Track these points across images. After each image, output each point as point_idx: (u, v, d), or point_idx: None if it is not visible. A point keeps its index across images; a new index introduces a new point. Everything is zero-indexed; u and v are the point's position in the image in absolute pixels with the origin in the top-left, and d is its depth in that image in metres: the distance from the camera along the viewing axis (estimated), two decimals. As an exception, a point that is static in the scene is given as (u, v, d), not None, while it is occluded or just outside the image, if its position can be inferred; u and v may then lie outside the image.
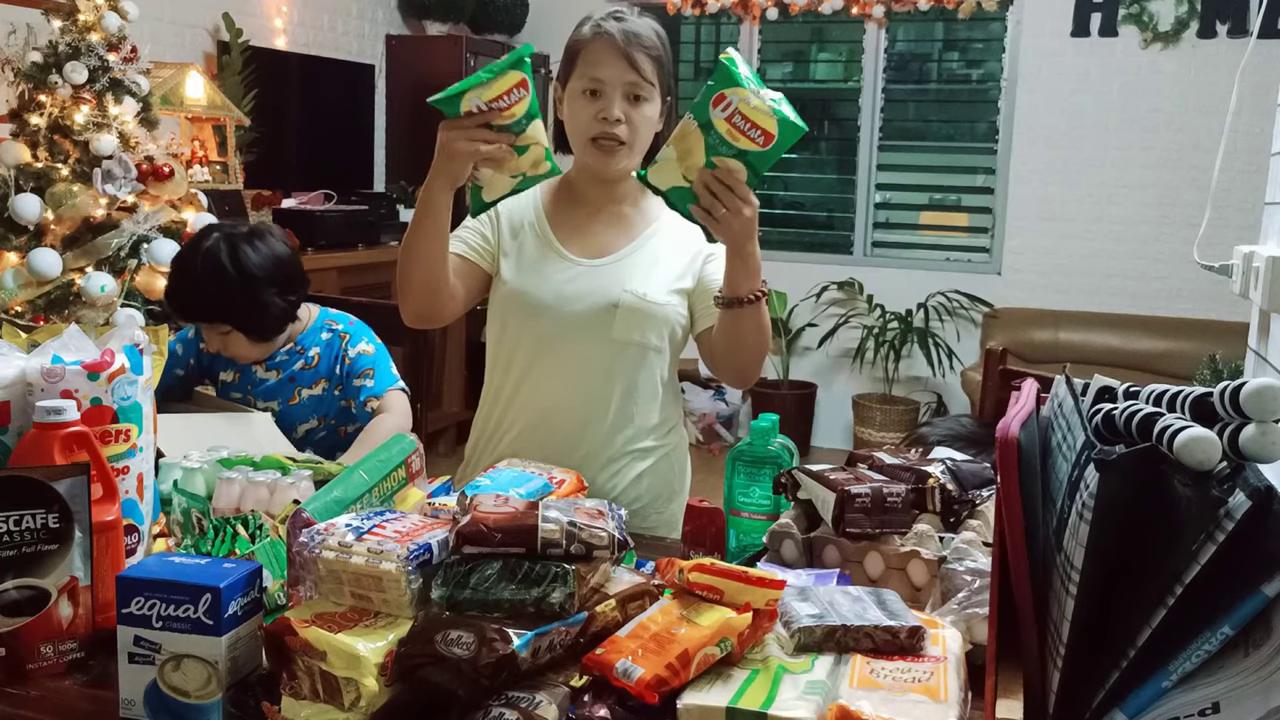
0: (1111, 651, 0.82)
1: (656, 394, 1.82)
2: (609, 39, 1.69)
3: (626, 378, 1.77)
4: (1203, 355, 4.06)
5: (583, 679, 0.97)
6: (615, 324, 1.74)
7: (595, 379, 1.77)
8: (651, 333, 1.77)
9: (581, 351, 1.76)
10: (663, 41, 1.75)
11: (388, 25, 5.54)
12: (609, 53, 1.69)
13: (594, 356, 1.76)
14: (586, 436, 1.77)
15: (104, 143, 2.95)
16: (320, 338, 2.18)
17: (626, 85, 1.69)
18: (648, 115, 1.72)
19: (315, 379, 2.15)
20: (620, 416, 1.78)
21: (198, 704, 1.01)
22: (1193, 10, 4.86)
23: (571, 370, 1.77)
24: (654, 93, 1.72)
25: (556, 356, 1.77)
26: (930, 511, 1.29)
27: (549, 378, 1.78)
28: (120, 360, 1.27)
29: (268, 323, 2.09)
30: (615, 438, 1.79)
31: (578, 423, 1.77)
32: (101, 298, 2.90)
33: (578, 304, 1.74)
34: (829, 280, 5.44)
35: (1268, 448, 0.77)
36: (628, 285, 1.75)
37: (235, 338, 2.09)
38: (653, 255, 1.80)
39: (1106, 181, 5.11)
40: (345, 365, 2.14)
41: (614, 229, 1.81)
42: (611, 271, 1.77)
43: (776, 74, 5.81)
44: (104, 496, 1.21)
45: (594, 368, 1.76)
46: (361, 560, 0.99)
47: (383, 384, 2.13)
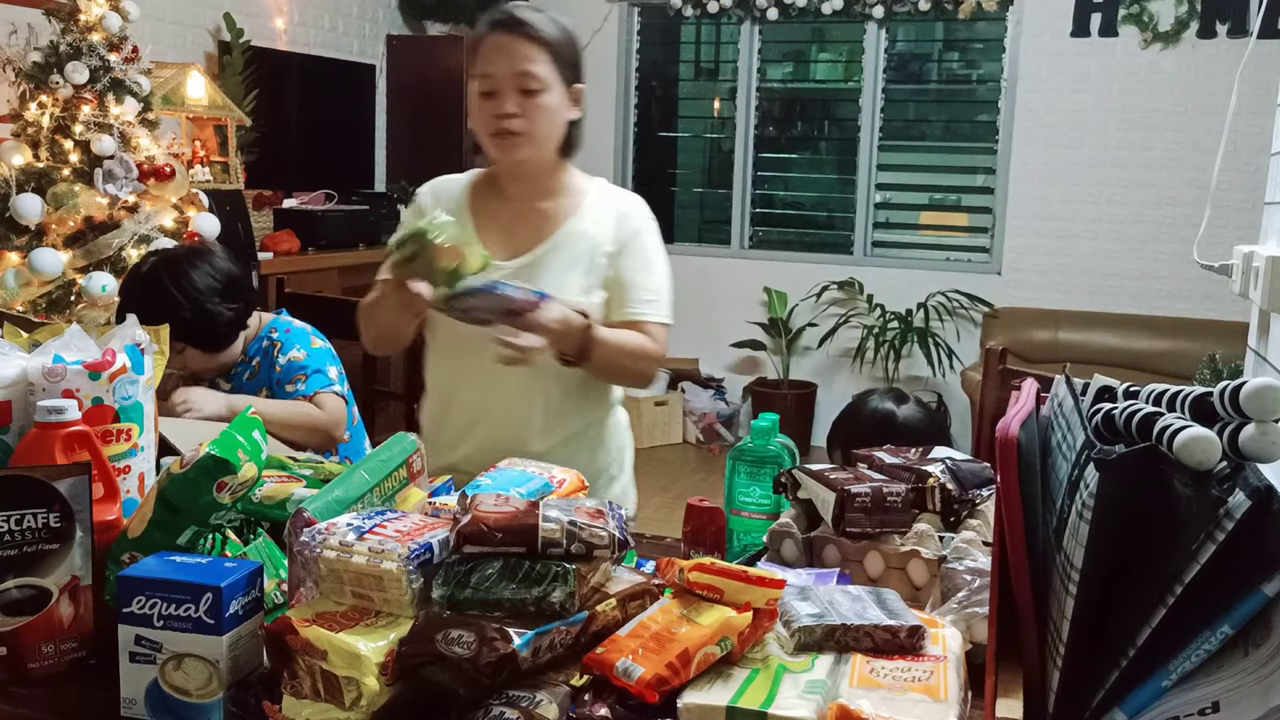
0: (1111, 651, 0.82)
1: (582, 392, 1.82)
2: (498, 34, 1.72)
3: (547, 380, 1.77)
4: (1202, 355, 4.06)
5: (583, 678, 0.98)
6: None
7: (515, 384, 1.76)
8: None
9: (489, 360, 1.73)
10: (562, 30, 1.77)
11: (388, 25, 5.54)
12: (497, 49, 1.72)
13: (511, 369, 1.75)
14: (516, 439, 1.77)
15: (105, 143, 2.95)
16: (261, 346, 2.20)
17: (516, 78, 1.70)
18: (545, 104, 1.73)
19: (258, 387, 2.17)
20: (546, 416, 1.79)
21: (199, 703, 1.02)
22: (1193, 10, 4.86)
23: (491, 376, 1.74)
24: (550, 84, 1.73)
25: (476, 362, 1.75)
26: (930, 511, 1.29)
27: (473, 383, 1.81)
28: (121, 360, 1.27)
29: (217, 332, 2.11)
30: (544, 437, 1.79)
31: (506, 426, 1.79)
32: (102, 297, 2.90)
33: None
34: (829, 280, 5.44)
35: (1267, 447, 0.77)
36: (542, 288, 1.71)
37: (190, 353, 2.11)
38: (564, 256, 1.79)
39: (1106, 181, 5.11)
40: (276, 373, 2.15)
41: (529, 226, 1.81)
42: (527, 273, 1.76)
43: (776, 74, 5.81)
44: (105, 496, 1.21)
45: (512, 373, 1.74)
46: (362, 559, 0.99)
47: (313, 385, 2.13)
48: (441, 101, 5.31)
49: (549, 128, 1.75)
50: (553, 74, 1.73)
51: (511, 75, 1.70)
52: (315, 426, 2.09)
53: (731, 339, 5.62)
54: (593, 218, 1.82)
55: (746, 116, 5.71)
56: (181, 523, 1.14)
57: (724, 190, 5.85)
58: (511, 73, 1.70)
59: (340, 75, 5.11)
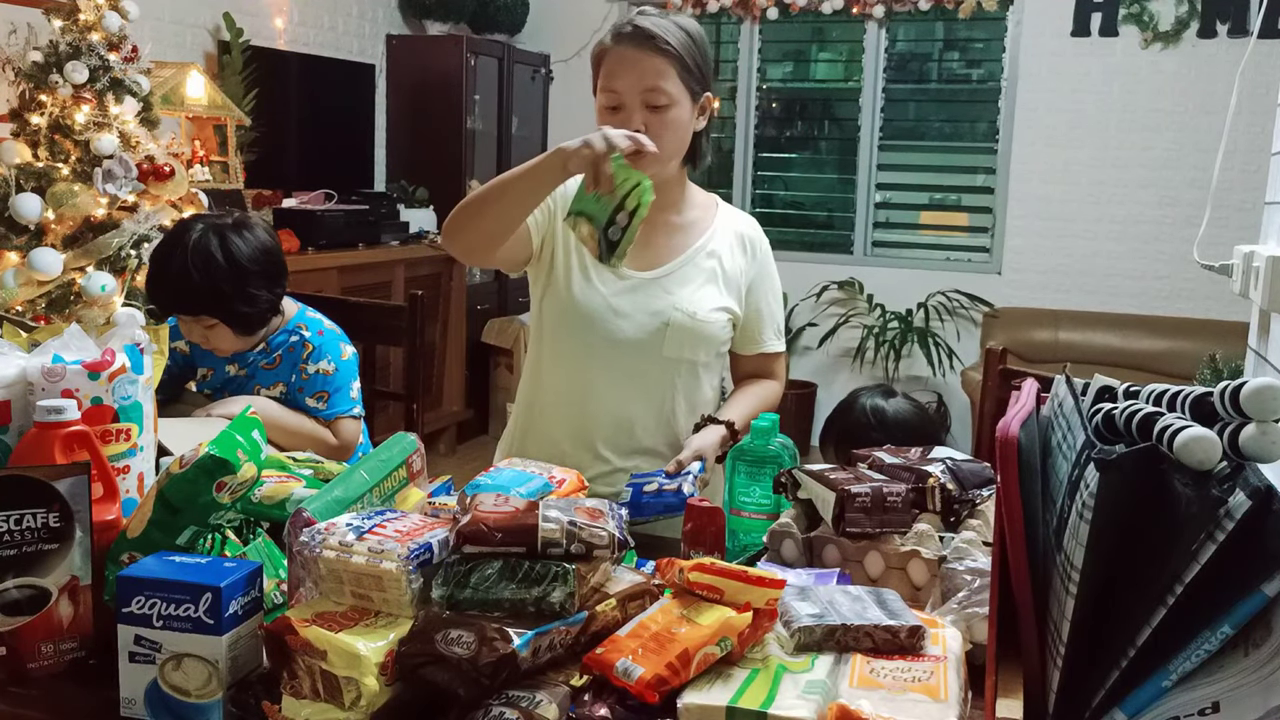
0: (1111, 651, 0.82)
1: (701, 407, 1.82)
2: (623, 47, 1.66)
3: (676, 392, 1.78)
4: (1203, 355, 4.06)
5: (583, 678, 0.97)
6: (666, 342, 1.74)
7: (645, 393, 1.77)
8: (701, 350, 1.78)
9: (632, 366, 1.76)
10: (692, 37, 1.70)
11: (388, 25, 5.54)
12: (622, 63, 1.66)
13: (644, 371, 1.76)
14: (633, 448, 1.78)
15: (104, 142, 2.95)
16: (288, 339, 2.10)
17: (644, 94, 1.65)
18: (674, 120, 1.68)
19: (274, 380, 2.09)
20: (666, 430, 1.79)
21: (198, 703, 1.01)
22: (1193, 10, 4.86)
23: (622, 383, 1.76)
24: (678, 97, 1.68)
25: (607, 368, 1.76)
26: (930, 511, 1.29)
27: (599, 389, 1.78)
28: (121, 359, 1.27)
29: (254, 316, 2.02)
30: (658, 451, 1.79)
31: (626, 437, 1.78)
32: (102, 297, 2.90)
33: (628, 319, 1.74)
34: (829, 280, 5.44)
35: (1268, 447, 0.77)
36: (679, 303, 1.75)
37: (220, 331, 2.01)
38: (703, 270, 1.79)
39: (1106, 181, 5.11)
40: (301, 379, 2.07)
41: (662, 239, 1.79)
42: (663, 286, 1.76)
43: (776, 74, 5.81)
44: (105, 496, 1.21)
45: (644, 382, 1.77)
46: (362, 560, 0.99)
47: (334, 409, 2.06)
48: (441, 101, 5.31)
49: (677, 144, 1.71)
50: (681, 88, 1.68)
51: (639, 90, 1.65)
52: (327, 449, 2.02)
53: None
54: (723, 238, 1.82)
55: (746, 116, 5.71)
56: (181, 523, 1.14)
57: (724, 190, 5.84)
58: (640, 88, 1.65)
59: (340, 75, 5.10)
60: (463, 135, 5.30)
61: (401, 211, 5.05)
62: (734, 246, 1.82)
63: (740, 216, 1.89)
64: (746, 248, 1.84)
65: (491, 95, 5.50)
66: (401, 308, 2.42)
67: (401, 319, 2.42)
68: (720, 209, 1.88)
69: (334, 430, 2.07)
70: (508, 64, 5.57)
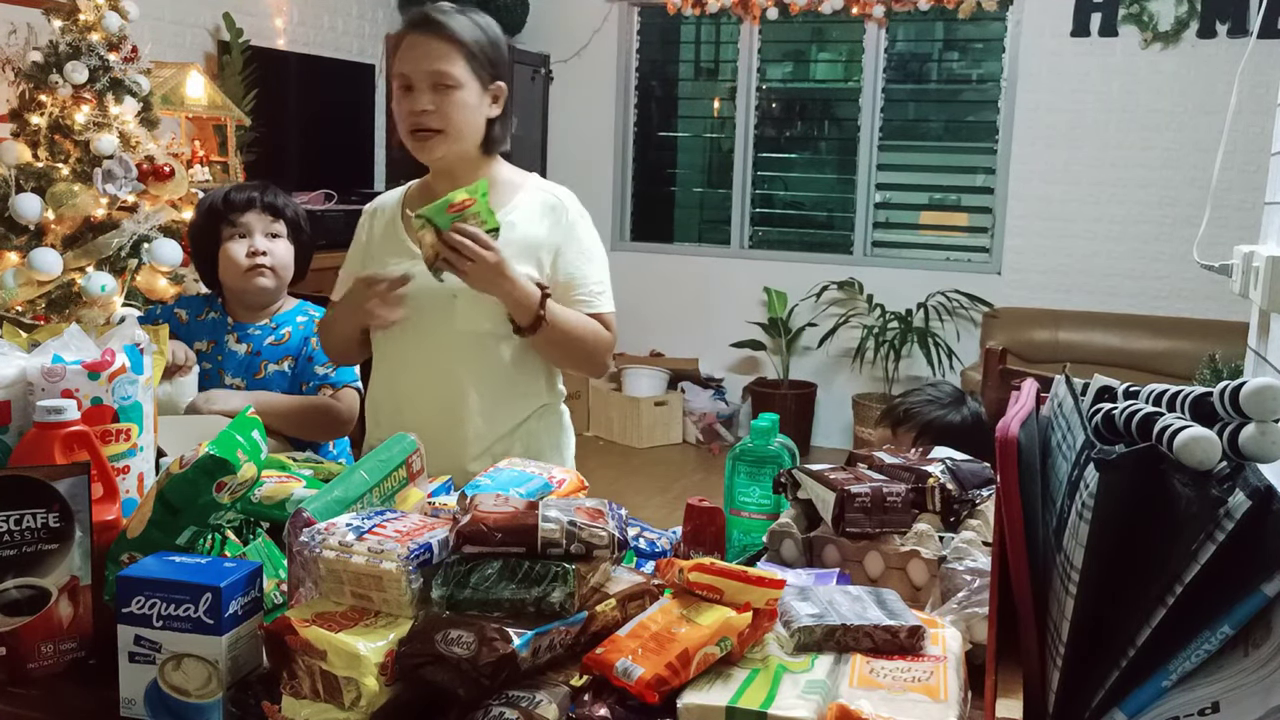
0: (1111, 651, 0.82)
1: (511, 379, 1.84)
2: (413, 34, 1.78)
3: (475, 365, 1.81)
4: (1202, 355, 4.06)
5: (583, 678, 0.97)
6: (456, 315, 1.78)
7: (444, 369, 1.81)
8: (493, 320, 1.79)
9: (427, 342, 1.81)
10: (481, 28, 1.82)
11: (388, 25, 5.54)
12: (413, 47, 1.77)
13: (439, 347, 1.81)
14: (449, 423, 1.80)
15: (104, 142, 2.95)
16: (295, 319, 2.22)
17: (430, 75, 1.75)
18: (462, 102, 1.78)
19: (282, 355, 2.17)
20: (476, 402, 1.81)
21: (198, 703, 1.01)
22: (1193, 10, 4.86)
23: (421, 360, 1.82)
24: (465, 81, 1.77)
25: (406, 348, 1.83)
26: (930, 511, 1.29)
27: (403, 369, 1.85)
28: (120, 360, 1.27)
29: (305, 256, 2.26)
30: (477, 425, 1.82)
31: (437, 410, 1.81)
32: (102, 297, 2.90)
33: (417, 297, 1.78)
34: (829, 280, 5.44)
35: (1267, 447, 0.77)
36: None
37: (282, 245, 2.18)
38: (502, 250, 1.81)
39: (1106, 181, 5.11)
40: (311, 348, 2.17)
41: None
42: None
43: (776, 74, 5.81)
44: (104, 496, 1.21)
45: (441, 358, 1.81)
46: (362, 560, 0.99)
47: (342, 378, 2.17)
48: (441, 101, 5.30)
49: (464, 124, 1.80)
50: (467, 73, 1.78)
51: (425, 73, 1.76)
52: (333, 421, 2.12)
53: (731, 339, 5.62)
54: (522, 212, 1.84)
55: (746, 116, 5.71)
56: (181, 523, 1.14)
57: (724, 190, 5.85)
58: (425, 70, 1.75)
59: (340, 75, 5.10)
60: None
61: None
62: (534, 216, 1.84)
63: (551, 188, 1.93)
64: (551, 215, 1.86)
65: (491, 95, 5.50)
66: None
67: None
68: (528, 184, 1.91)
69: (340, 397, 2.15)
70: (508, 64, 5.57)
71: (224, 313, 2.22)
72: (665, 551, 1.39)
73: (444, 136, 1.78)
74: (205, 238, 2.20)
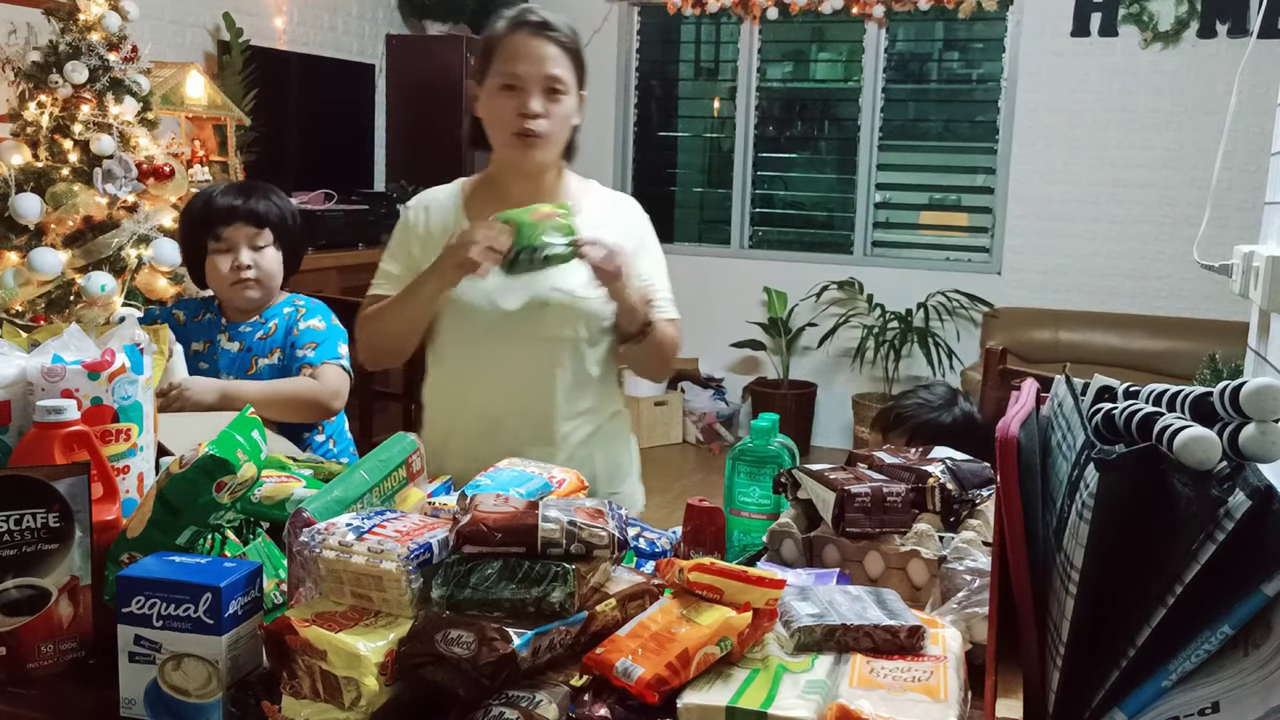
0: (1111, 651, 0.82)
1: (591, 383, 1.84)
2: (525, 35, 1.74)
3: (562, 372, 1.80)
4: (1202, 355, 4.06)
5: (583, 678, 0.97)
6: (547, 322, 1.77)
7: (532, 376, 1.80)
8: (582, 326, 1.79)
9: (517, 351, 1.79)
10: (576, 35, 1.80)
11: (388, 25, 5.54)
12: (525, 48, 1.73)
13: (529, 355, 1.79)
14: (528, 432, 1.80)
15: (104, 142, 2.95)
16: (282, 310, 2.22)
17: (545, 80, 1.72)
18: (565, 108, 1.76)
19: (270, 348, 2.18)
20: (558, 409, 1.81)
21: (198, 703, 1.01)
22: (1193, 10, 4.86)
23: (508, 370, 1.80)
24: (571, 88, 1.76)
25: (492, 358, 1.80)
26: (930, 511, 1.29)
27: (488, 380, 1.82)
28: (120, 359, 1.27)
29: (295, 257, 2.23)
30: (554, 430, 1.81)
31: (521, 422, 1.80)
32: (102, 297, 2.90)
33: (509, 304, 1.76)
34: (829, 280, 5.44)
35: (1268, 447, 0.77)
36: (556, 283, 1.76)
37: (269, 255, 2.16)
38: None
39: (1106, 181, 5.10)
40: (293, 336, 2.18)
41: None
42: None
43: (776, 74, 5.81)
44: (104, 496, 1.21)
45: (530, 365, 1.79)
46: (362, 560, 0.99)
47: (321, 356, 2.15)
48: (441, 101, 5.31)
49: (565, 131, 1.79)
50: (572, 79, 1.77)
51: (540, 76, 1.72)
52: (312, 399, 2.11)
53: (731, 339, 5.62)
54: (597, 217, 1.84)
55: (746, 116, 5.71)
56: (181, 523, 1.14)
57: (724, 190, 5.85)
58: (541, 74, 1.72)
59: (340, 75, 5.10)
60: (462, 135, 5.29)
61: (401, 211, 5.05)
62: (609, 223, 1.84)
63: (616, 196, 1.95)
64: (622, 223, 1.87)
65: (491, 95, 5.50)
66: None
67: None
68: (596, 190, 1.93)
69: (318, 374, 2.14)
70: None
71: (219, 314, 2.23)
72: (665, 551, 1.39)
73: (548, 141, 1.75)
74: (191, 246, 2.21)
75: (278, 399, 2.08)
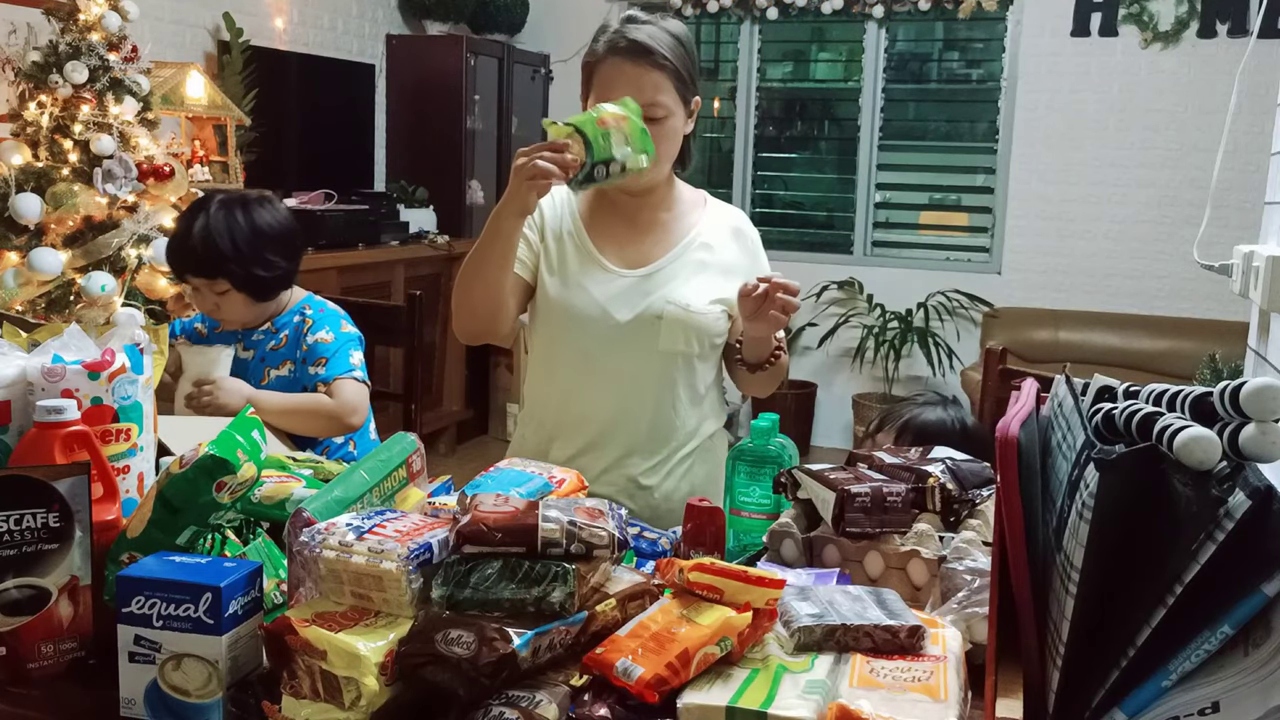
0: (1111, 651, 0.82)
1: (699, 399, 1.82)
2: (620, 61, 1.68)
3: (672, 386, 1.78)
4: (1202, 355, 4.06)
5: (583, 678, 0.97)
6: (660, 335, 1.74)
7: (642, 389, 1.77)
8: (695, 342, 1.77)
9: (627, 363, 1.76)
10: (683, 44, 1.73)
11: (388, 25, 5.54)
12: (621, 77, 1.67)
13: (640, 367, 1.76)
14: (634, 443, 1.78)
15: (104, 142, 2.95)
16: (291, 320, 2.20)
17: (645, 110, 1.66)
18: (671, 130, 1.72)
19: (281, 360, 2.17)
20: (666, 423, 1.78)
21: (198, 703, 1.01)
22: (1193, 10, 4.86)
23: (618, 382, 1.77)
24: (674, 108, 1.71)
25: (602, 368, 1.77)
26: (930, 511, 1.28)
27: (596, 390, 1.78)
28: (121, 359, 1.27)
29: (268, 282, 2.12)
30: (661, 444, 1.79)
31: (627, 433, 1.78)
32: (102, 297, 2.90)
33: (622, 316, 1.74)
34: (829, 280, 5.44)
35: (1268, 447, 0.77)
36: (671, 296, 1.75)
37: (232, 299, 2.10)
38: (693, 264, 1.80)
39: (1106, 181, 5.11)
40: (302, 351, 2.15)
41: (652, 237, 1.81)
42: (654, 282, 1.77)
43: (776, 73, 5.81)
44: (104, 496, 1.21)
45: (640, 378, 1.77)
46: (362, 559, 0.99)
47: (333, 371, 2.12)
48: (441, 101, 5.31)
49: (672, 150, 1.75)
50: (676, 99, 1.72)
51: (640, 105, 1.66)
52: (329, 415, 2.09)
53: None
54: (712, 232, 1.83)
55: (746, 116, 5.71)
56: (181, 523, 1.14)
57: (724, 190, 5.84)
58: (639, 103, 1.65)
59: (340, 75, 5.10)
60: (462, 135, 5.30)
61: (401, 211, 5.05)
62: (726, 238, 1.84)
63: (729, 210, 1.92)
64: (738, 239, 1.86)
65: (491, 95, 5.50)
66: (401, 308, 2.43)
67: (401, 319, 2.43)
68: (709, 204, 1.90)
69: (332, 391, 2.11)
70: (507, 64, 5.57)
71: None
72: (665, 551, 1.39)
73: (652, 166, 1.66)
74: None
75: (298, 411, 2.07)
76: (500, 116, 5.56)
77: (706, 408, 1.84)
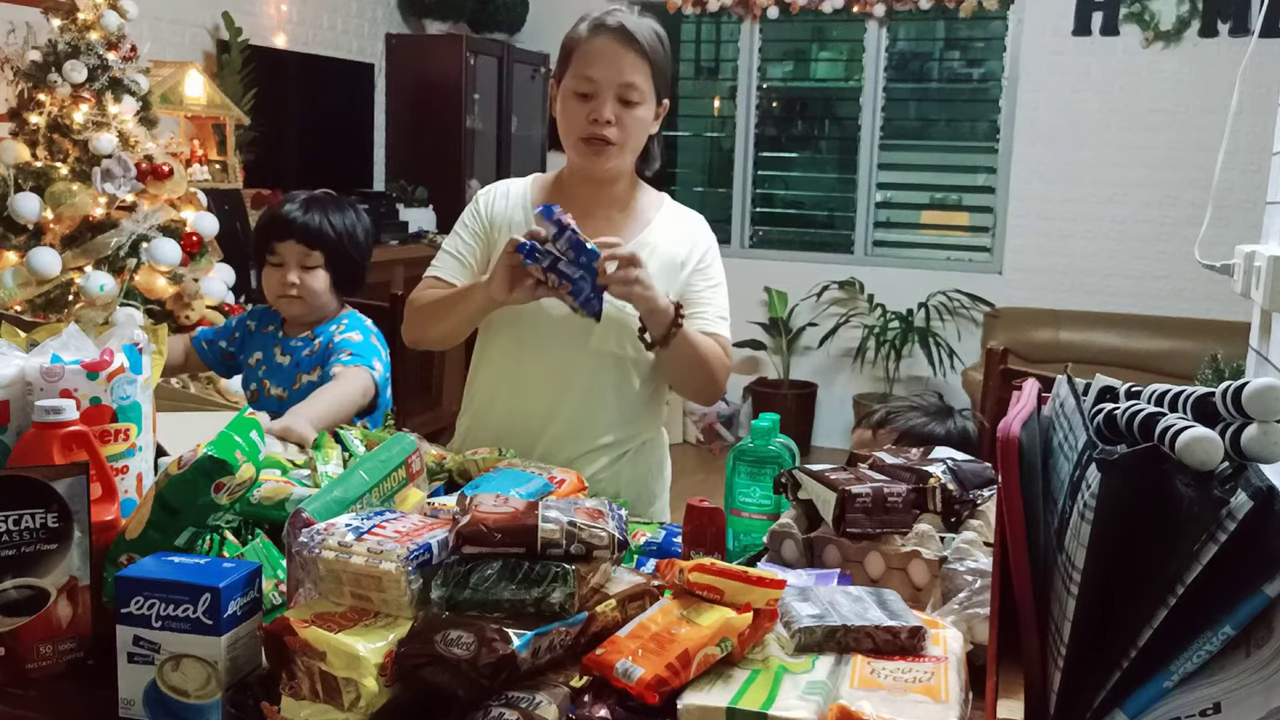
0: (1113, 652, 0.82)
1: (631, 405, 1.82)
2: (604, 39, 1.69)
3: (599, 388, 1.78)
4: (1204, 355, 4.06)
5: (583, 679, 0.97)
6: (594, 335, 1.74)
7: (570, 387, 1.77)
8: (629, 344, 1.76)
9: (558, 359, 1.77)
10: (662, 43, 1.75)
11: (387, 24, 5.54)
12: (603, 54, 1.69)
13: (571, 365, 1.77)
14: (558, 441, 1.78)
15: (103, 142, 2.95)
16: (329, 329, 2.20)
17: (619, 87, 1.68)
18: (639, 118, 1.73)
19: (313, 365, 2.16)
20: (588, 423, 1.79)
21: (197, 704, 1.01)
22: (1194, 9, 4.85)
23: (547, 378, 1.78)
24: (647, 96, 1.72)
25: (532, 361, 1.78)
26: (931, 511, 1.28)
27: (525, 383, 1.80)
28: (119, 359, 1.27)
29: (350, 273, 2.19)
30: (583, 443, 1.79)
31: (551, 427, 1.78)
32: (101, 297, 2.90)
33: (556, 311, 1.72)
34: (830, 279, 5.44)
35: (1269, 448, 0.77)
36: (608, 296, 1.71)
37: (317, 276, 2.13)
38: None
39: (1107, 181, 5.10)
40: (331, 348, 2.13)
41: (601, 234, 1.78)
42: None
43: (777, 73, 5.81)
44: (103, 496, 1.21)
45: (568, 376, 1.77)
46: (361, 560, 0.99)
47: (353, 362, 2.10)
48: (441, 100, 5.31)
49: (638, 140, 1.76)
50: (650, 88, 1.72)
51: (615, 83, 1.68)
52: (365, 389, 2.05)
53: (732, 339, 5.61)
54: (663, 232, 1.83)
55: (747, 116, 5.71)
56: (179, 523, 1.14)
57: (724, 190, 5.85)
58: (616, 81, 1.68)
59: (339, 74, 5.10)
60: (462, 135, 5.30)
61: (401, 211, 5.05)
62: (675, 240, 1.83)
63: (685, 213, 1.91)
64: (690, 239, 1.85)
65: (491, 94, 5.50)
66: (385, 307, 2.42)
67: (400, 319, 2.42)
68: (665, 206, 1.90)
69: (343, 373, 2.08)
70: (507, 63, 5.57)
71: (280, 327, 2.23)
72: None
73: (619, 150, 1.72)
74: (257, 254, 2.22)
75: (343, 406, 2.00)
76: (500, 116, 5.56)
77: (639, 414, 1.83)
